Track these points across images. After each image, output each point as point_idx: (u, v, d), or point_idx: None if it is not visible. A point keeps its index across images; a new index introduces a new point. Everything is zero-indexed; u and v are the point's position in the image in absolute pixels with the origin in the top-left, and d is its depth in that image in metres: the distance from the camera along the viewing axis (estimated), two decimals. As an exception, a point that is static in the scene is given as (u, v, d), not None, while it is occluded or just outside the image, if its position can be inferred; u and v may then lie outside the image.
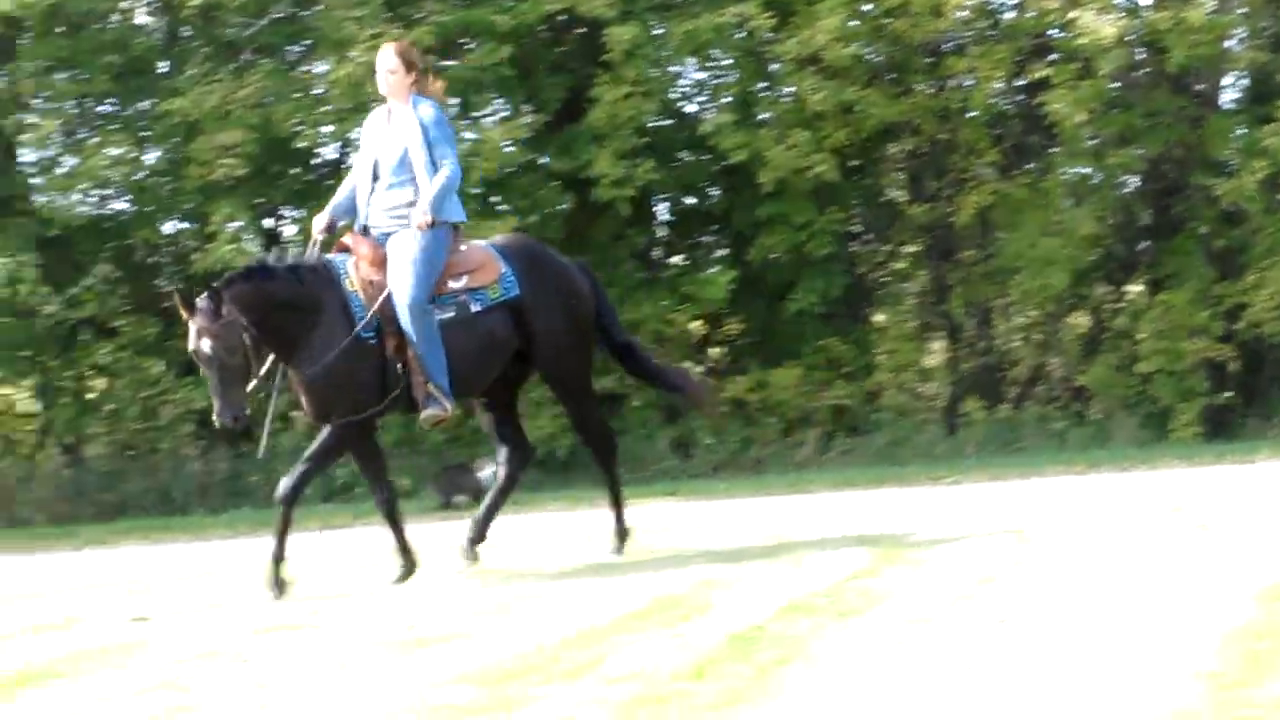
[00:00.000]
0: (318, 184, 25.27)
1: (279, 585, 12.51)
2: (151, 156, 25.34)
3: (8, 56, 24.57)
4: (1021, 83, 25.74)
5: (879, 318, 26.94)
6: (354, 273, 12.50)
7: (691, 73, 27.16)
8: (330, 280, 12.52)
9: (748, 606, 11.18)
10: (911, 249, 27.20)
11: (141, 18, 25.48)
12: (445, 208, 12.60)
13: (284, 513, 12.60)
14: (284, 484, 12.58)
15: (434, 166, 12.54)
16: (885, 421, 24.91)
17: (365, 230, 12.80)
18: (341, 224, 13.14)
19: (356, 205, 12.91)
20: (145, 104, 25.20)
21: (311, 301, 12.41)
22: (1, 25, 23.95)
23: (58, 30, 24.49)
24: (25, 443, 26.33)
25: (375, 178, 12.75)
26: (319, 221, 12.91)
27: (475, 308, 12.64)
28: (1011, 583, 11.40)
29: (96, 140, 24.81)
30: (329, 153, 26.35)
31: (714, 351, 27.47)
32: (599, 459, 14.19)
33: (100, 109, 25.83)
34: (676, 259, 27.41)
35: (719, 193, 26.66)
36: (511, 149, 23.97)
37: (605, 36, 23.47)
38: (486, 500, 13.80)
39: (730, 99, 25.60)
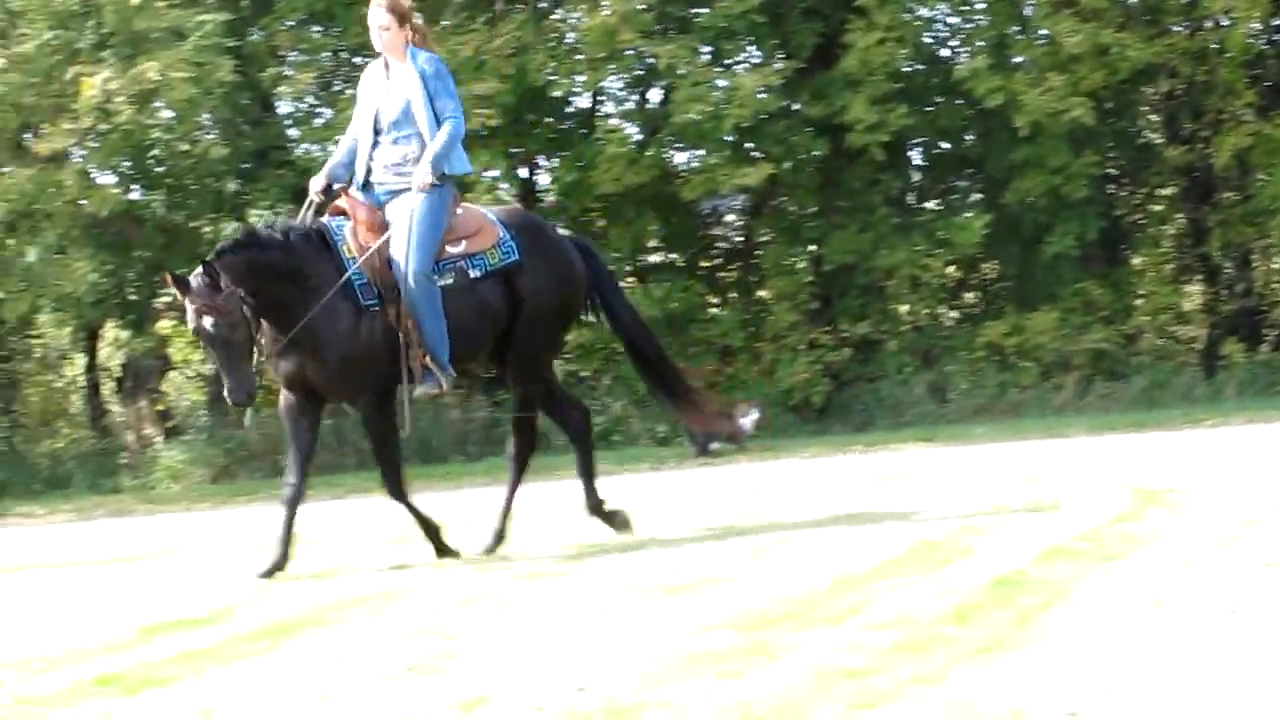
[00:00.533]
0: (571, 133, 26.29)
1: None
2: None
3: (265, 10, 25.27)
4: (1280, 22, 25.35)
5: (1136, 261, 27.09)
6: (350, 239, 12.12)
7: (945, 17, 27.39)
8: (325, 246, 12.13)
9: (1008, 551, 11.21)
10: (1168, 191, 27.29)
11: (395, -32, 25.15)
12: (451, 161, 12.24)
13: (411, 512, 12.42)
14: (388, 491, 12.41)
15: (436, 119, 12.13)
16: (1144, 365, 24.96)
17: (365, 187, 12.40)
18: (337, 186, 12.62)
19: (355, 165, 12.45)
20: None
21: (307, 270, 12.07)
22: (259, -21, 24.75)
23: (313, -17, 25.39)
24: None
25: (377, 133, 12.29)
26: (316, 183, 12.51)
27: (474, 274, 12.24)
28: (1277, 525, 11.28)
29: (352, 92, 24.47)
30: (582, 101, 26.98)
31: (969, 296, 27.71)
32: (570, 433, 13.33)
33: (355, 60, 25.86)
34: (930, 204, 27.62)
35: (973, 137, 26.83)
36: (764, 96, 24.39)
37: (859, -19, 23.78)
38: (505, 495, 12.95)
39: (984, 43, 25.59)
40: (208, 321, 11.34)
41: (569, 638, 9.56)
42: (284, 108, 26.93)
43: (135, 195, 26.44)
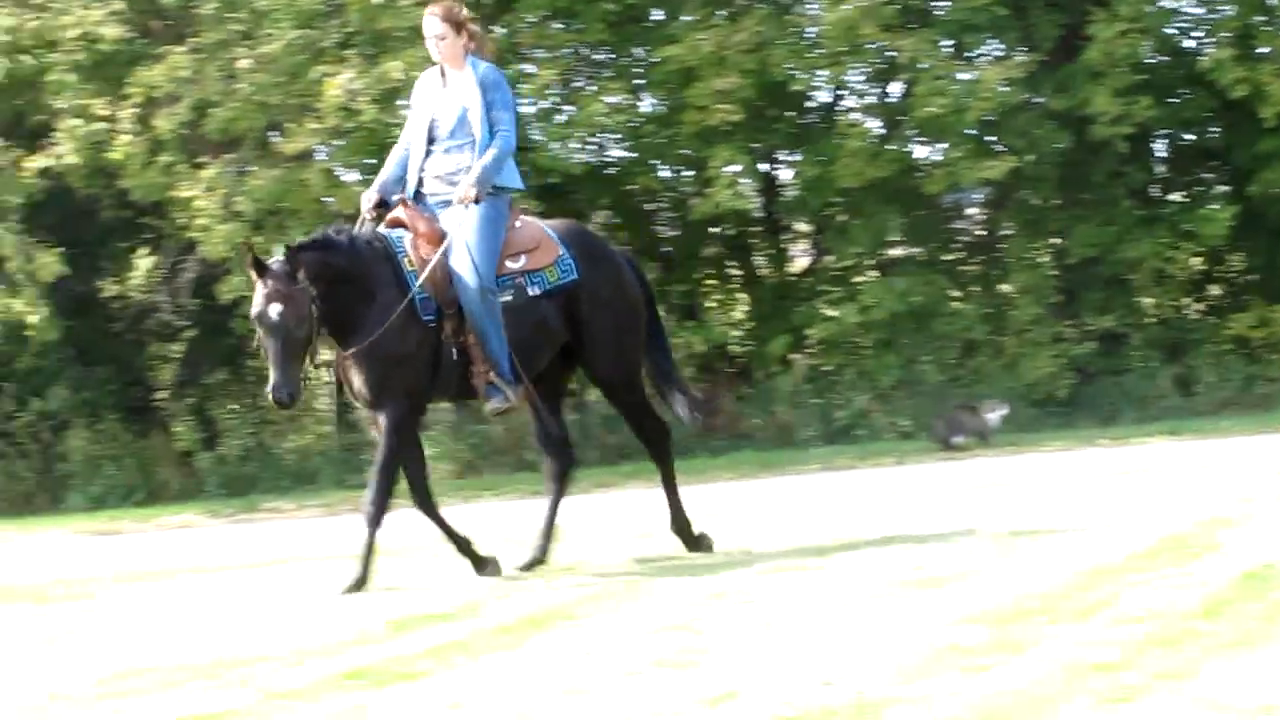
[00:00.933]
0: (812, 127, 26.40)
1: (361, 582, 11.94)
2: (647, 104, 26.38)
3: (506, 7, 25.39)
4: None
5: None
6: (411, 251, 11.85)
7: (1189, 8, 27.30)
8: (387, 256, 11.90)
9: (1257, 545, 11.11)
10: None
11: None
12: (504, 176, 12.03)
13: (370, 536, 12.01)
14: (367, 508, 11.99)
15: (490, 132, 11.87)
16: (1398, 356, 24.71)
17: (418, 197, 12.19)
18: (395, 198, 12.28)
19: (407, 175, 12.21)
20: (640, 51, 26.12)
21: (371, 278, 11.85)
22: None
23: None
24: None
25: (430, 142, 12.07)
26: (368, 199, 12.14)
27: (533, 291, 11.99)
28: None
29: (593, 89, 25.70)
30: (823, 96, 27.17)
31: (1214, 289, 27.60)
32: (653, 452, 13.14)
33: (596, 57, 26.84)
34: (1175, 196, 27.52)
35: (1218, 129, 26.74)
36: (1007, 89, 24.45)
37: (1100, -27, 23.92)
38: (544, 516, 12.71)
39: (1229, 34, 25.43)
40: (275, 309, 11.16)
41: (816, 633, 9.60)
42: (526, 105, 26.33)
43: None
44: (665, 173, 26.67)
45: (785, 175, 27.14)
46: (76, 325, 25.48)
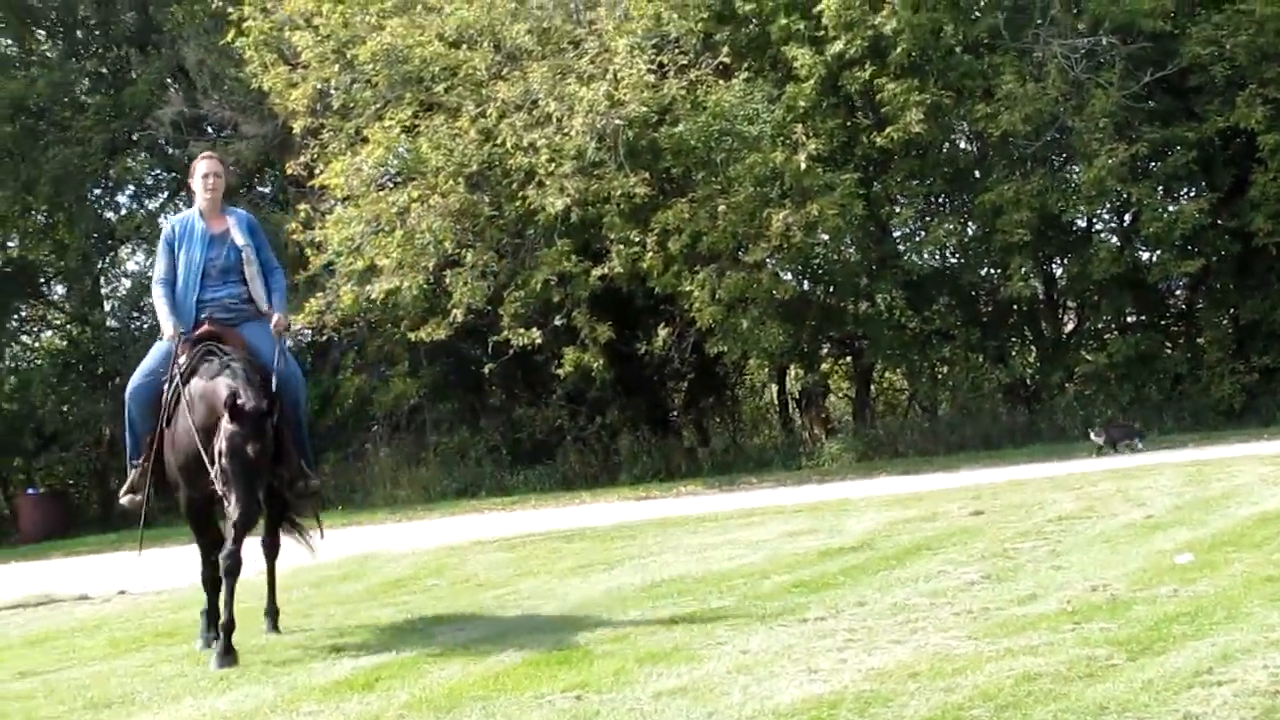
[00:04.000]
0: (1075, 242, 33.89)
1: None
2: (970, 229, 33.77)
3: (883, 169, 32.00)
4: None
5: None
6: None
7: None
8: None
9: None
10: None
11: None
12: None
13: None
14: None
15: (267, 268, 12.62)
16: None
17: (197, 325, 12.44)
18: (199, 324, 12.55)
19: (181, 310, 12.44)
20: (966, 196, 33.19)
21: None
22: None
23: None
24: (900, 405, 36.45)
25: (204, 277, 12.41)
26: (173, 328, 12.32)
27: None
28: None
29: (936, 221, 33.09)
30: (1081, 222, 34.43)
31: None
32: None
33: (939, 199, 34.50)
34: None
35: None
36: (1199, 215, 30.79)
37: None
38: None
39: None
40: (252, 449, 11.03)
41: (1087, 557, 13.08)
42: (896, 231, 34.41)
43: (805, 286, 33.96)
44: (983, 271, 34.13)
45: (1058, 271, 34.46)
46: (621, 371, 31.64)
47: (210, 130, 36.77)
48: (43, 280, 41.87)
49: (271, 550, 13.15)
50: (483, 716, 8.92)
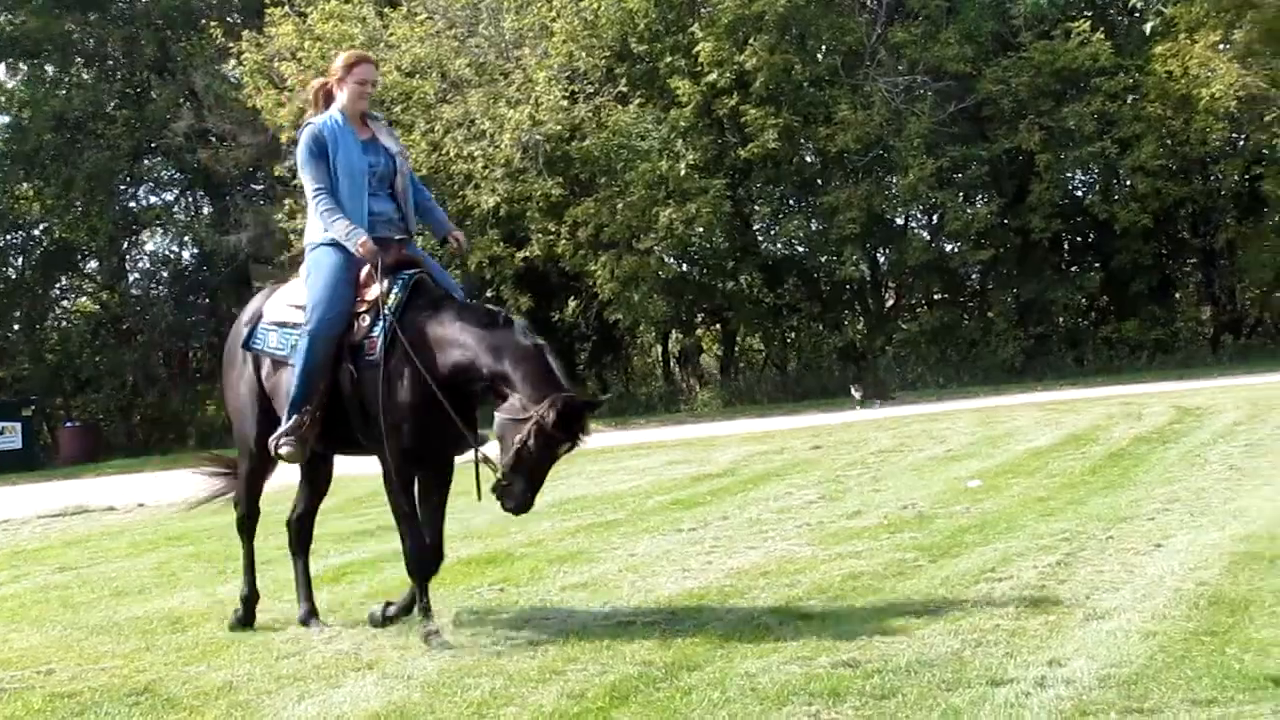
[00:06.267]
0: (895, 234, 34.32)
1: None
2: (814, 225, 34.00)
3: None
4: None
5: None
6: None
7: (1088, 178, 33.71)
8: None
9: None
10: None
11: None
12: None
13: None
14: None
15: (416, 184, 8.89)
16: None
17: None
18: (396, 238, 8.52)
19: (352, 217, 8.28)
20: (811, 198, 33.11)
21: None
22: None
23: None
24: (757, 363, 35.95)
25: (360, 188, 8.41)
26: (369, 244, 8.09)
27: None
28: None
29: (785, 219, 34.15)
30: (900, 220, 34.77)
31: (1091, 314, 33.63)
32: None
33: (791, 202, 34.82)
34: (1074, 268, 33.66)
35: (1092, 233, 33.28)
36: (990, 216, 31.47)
37: None
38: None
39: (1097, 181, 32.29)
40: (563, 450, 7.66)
41: (898, 479, 13.52)
42: (755, 225, 35.14)
43: (684, 268, 33.86)
44: (823, 258, 34.20)
45: (881, 258, 35.09)
46: (539, 334, 32.19)
47: (214, 139, 36.86)
48: (80, 257, 41.91)
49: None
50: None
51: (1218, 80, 29.56)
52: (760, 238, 35.05)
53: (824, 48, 31.77)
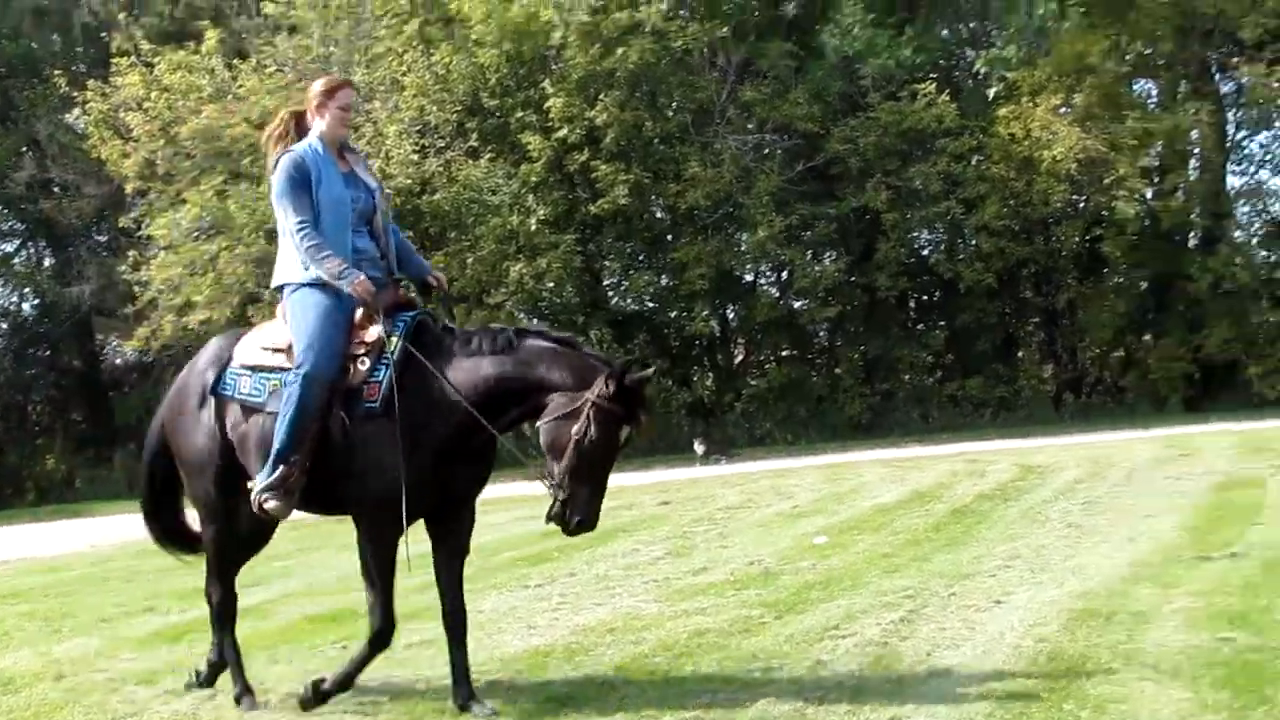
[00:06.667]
0: (744, 293, 34.22)
1: None
2: (664, 280, 33.21)
3: None
4: None
5: None
6: None
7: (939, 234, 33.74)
8: None
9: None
10: None
11: None
12: None
13: None
14: None
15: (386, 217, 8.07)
16: None
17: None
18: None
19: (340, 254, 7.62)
20: (664, 256, 32.73)
21: None
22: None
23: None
24: None
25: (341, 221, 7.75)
26: (367, 285, 7.49)
27: None
28: None
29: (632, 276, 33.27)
30: (749, 277, 34.98)
31: (937, 371, 33.31)
32: None
33: (641, 259, 34.14)
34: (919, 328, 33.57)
35: (936, 293, 33.23)
36: (838, 274, 31.57)
37: None
38: None
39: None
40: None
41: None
42: (605, 280, 34.97)
43: (535, 323, 34.01)
44: (673, 313, 33.71)
45: (730, 314, 34.90)
46: None
47: (57, 189, 36.21)
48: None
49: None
50: (268, 662, 8.93)
51: (1059, 143, 30.12)
52: (610, 293, 34.88)
53: (674, 105, 32.02)
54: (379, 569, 7.50)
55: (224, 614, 8.11)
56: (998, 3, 32.21)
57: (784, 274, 34.86)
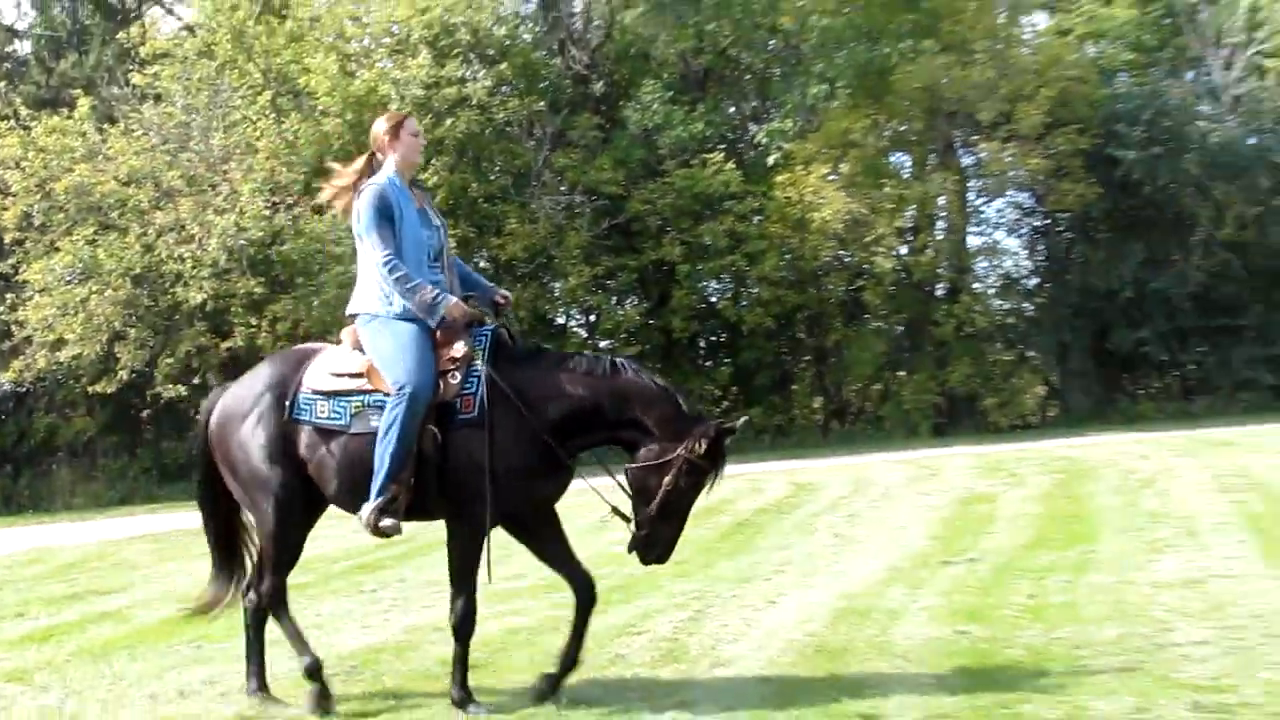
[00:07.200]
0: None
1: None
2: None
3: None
4: None
5: None
6: None
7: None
8: None
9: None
10: None
11: None
12: None
13: None
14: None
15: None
16: None
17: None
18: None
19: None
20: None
21: None
22: None
23: None
24: None
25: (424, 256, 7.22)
26: (461, 307, 7.16)
27: None
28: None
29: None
30: (560, 320, 34.57)
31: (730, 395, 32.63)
32: None
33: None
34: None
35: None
36: (622, 315, 32.04)
37: None
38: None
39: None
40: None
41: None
42: None
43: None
44: None
45: None
46: None
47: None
48: None
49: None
50: (129, 660, 8.80)
51: (827, 206, 30.64)
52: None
53: (496, 169, 32.06)
54: (469, 569, 7.14)
55: (280, 601, 7.53)
56: (776, 83, 32.90)
57: (592, 317, 34.73)
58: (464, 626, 7.11)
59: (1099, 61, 32.86)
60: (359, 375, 7.14)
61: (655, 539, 7.01)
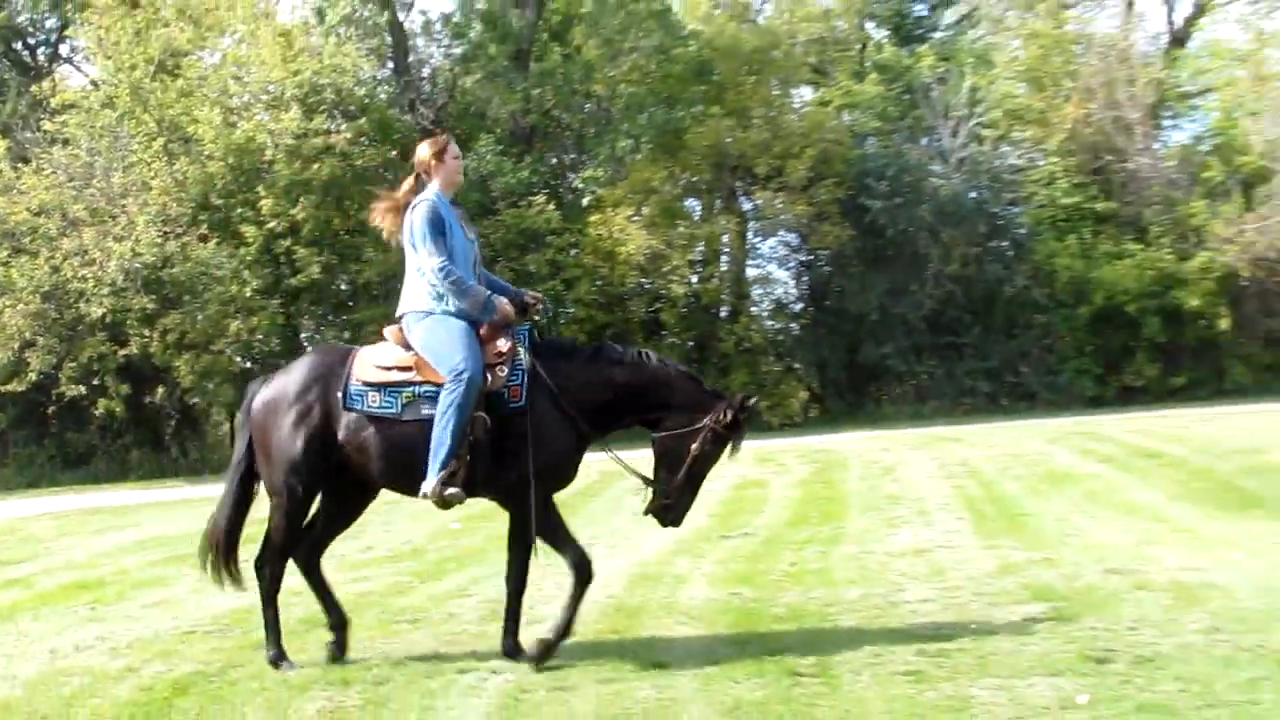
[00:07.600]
0: None
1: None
2: None
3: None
4: None
5: None
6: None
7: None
8: None
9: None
10: None
11: None
12: None
13: None
14: None
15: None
16: None
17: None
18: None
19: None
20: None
21: None
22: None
23: None
24: None
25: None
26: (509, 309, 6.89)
27: None
28: None
29: None
30: None
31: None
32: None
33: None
34: None
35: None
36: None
37: None
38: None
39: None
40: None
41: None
42: (303, 334, 35.90)
43: (249, 365, 30.80)
44: None
45: None
46: (134, 413, 28.56)
47: None
48: None
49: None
50: (32, 620, 8.54)
51: (631, 241, 30.99)
52: (307, 344, 33.69)
53: (356, 206, 31.54)
54: (526, 536, 6.82)
55: (274, 589, 7.21)
56: (590, 139, 32.87)
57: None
58: (518, 584, 6.95)
59: (853, 127, 33.64)
60: (408, 368, 6.80)
61: (678, 504, 6.79)
